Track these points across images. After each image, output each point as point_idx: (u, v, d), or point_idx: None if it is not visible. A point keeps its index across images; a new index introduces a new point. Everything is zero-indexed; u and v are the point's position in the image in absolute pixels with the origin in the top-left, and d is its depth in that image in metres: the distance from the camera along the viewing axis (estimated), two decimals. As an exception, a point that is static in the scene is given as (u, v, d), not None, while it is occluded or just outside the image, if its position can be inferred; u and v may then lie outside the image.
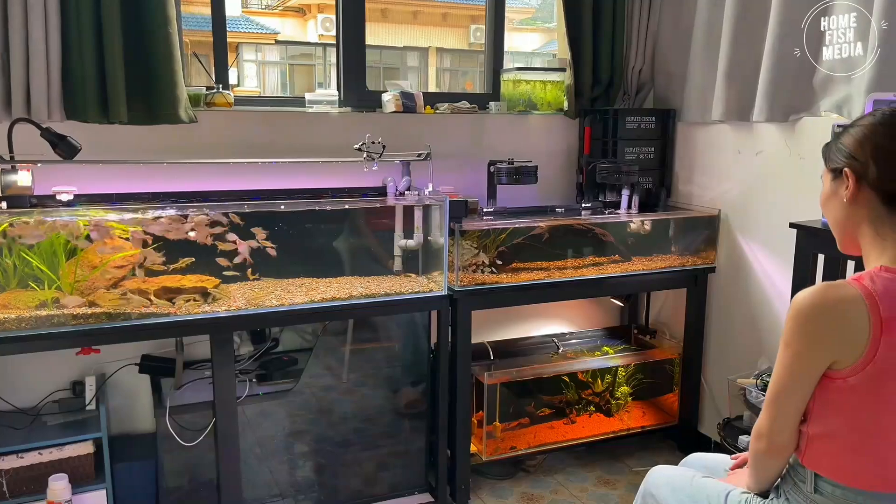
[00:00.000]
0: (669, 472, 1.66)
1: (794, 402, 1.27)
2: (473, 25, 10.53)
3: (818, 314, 1.21)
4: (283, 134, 2.67)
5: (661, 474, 1.67)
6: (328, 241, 2.54)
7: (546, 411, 2.92)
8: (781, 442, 1.31)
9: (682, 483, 1.58)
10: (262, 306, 2.26)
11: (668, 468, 1.70)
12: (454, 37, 11.02)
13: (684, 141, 3.04)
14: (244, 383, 2.45)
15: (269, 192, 2.61)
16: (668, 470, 1.68)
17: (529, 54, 9.66)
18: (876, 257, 1.27)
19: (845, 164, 1.30)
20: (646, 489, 1.68)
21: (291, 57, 10.72)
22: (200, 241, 2.19)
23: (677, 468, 1.70)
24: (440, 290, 2.49)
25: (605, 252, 2.78)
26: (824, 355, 1.22)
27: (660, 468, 1.71)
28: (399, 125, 2.81)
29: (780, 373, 1.27)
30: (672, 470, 1.68)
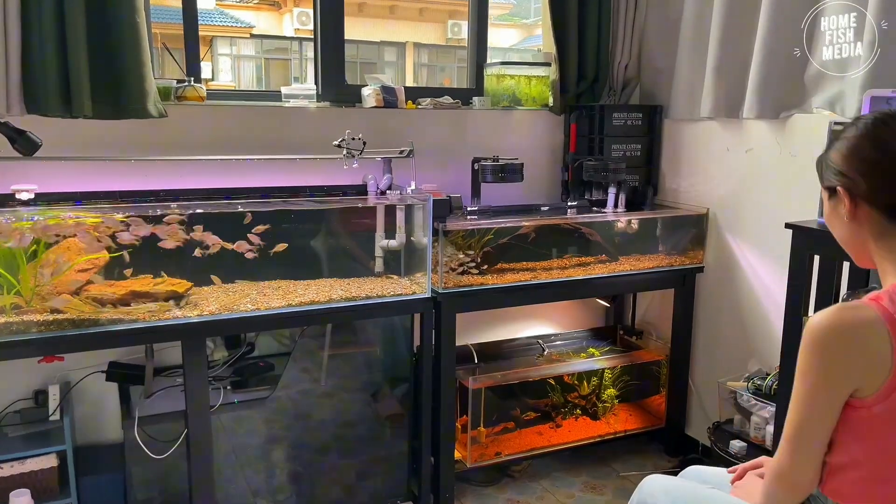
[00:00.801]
0: (667, 482, 1.58)
1: (817, 438, 1.17)
2: (451, 21, 10.43)
3: (835, 340, 1.11)
4: (259, 130, 2.56)
5: (657, 483, 1.59)
6: (306, 241, 2.43)
7: (531, 415, 2.84)
8: (805, 482, 1.20)
9: (681, 494, 1.51)
10: (237, 311, 2.15)
11: (664, 478, 1.62)
12: (432, 32, 10.92)
13: (671, 138, 2.97)
14: (218, 391, 2.33)
15: (243, 191, 2.49)
16: (665, 479, 1.61)
17: (507, 50, 9.58)
18: (893, 273, 1.17)
19: (837, 182, 1.21)
20: (640, 498, 1.60)
21: (267, 51, 10.53)
22: (169, 246, 2.08)
23: (675, 479, 1.63)
24: (423, 293, 2.40)
25: (592, 252, 2.71)
26: (845, 384, 1.12)
27: (655, 477, 1.63)
28: (380, 121, 2.71)
29: (799, 406, 1.16)
30: (669, 480, 1.61)
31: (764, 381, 2.37)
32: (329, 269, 2.44)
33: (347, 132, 2.36)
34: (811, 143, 2.39)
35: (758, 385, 2.38)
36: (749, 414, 2.41)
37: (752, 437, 2.39)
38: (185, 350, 2.11)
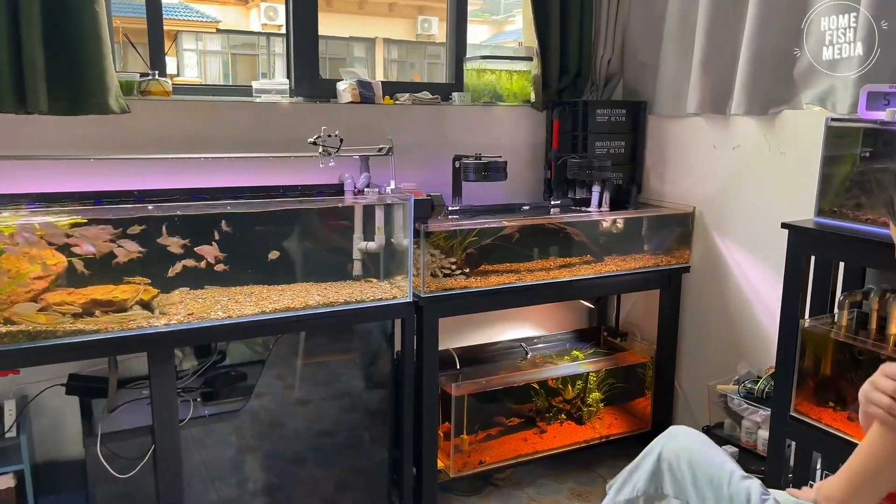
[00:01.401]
0: (694, 444, 1.46)
1: (886, 482, 1.18)
2: (421, 16, 10.30)
3: None
4: (228, 126, 2.42)
5: (683, 442, 1.47)
6: (280, 244, 2.31)
7: (515, 421, 2.75)
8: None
9: (706, 462, 1.41)
10: (207, 319, 2.03)
11: (693, 435, 1.50)
12: (401, 27, 10.78)
13: (656, 135, 2.90)
14: (187, 403, 2.20)
15: (213, 191, 2.36)
16: (693, 440, 1.48)
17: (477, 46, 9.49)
18: None
19: None
20: (663, 453, 1.49)
21: (234, 46, 10.30)
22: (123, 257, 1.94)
23: (703, 439, 1.51)
24: (405, 297, 2.29)
25: (577, 252, 2.62)
26: None
27: (683, 432, 1.51)
28: (356, 117, 2.59)
29: (877, 451, 1.17)
30: (697, 441, 1.48)
31: (756, 385, 2.31)
32: (305, 272, 2.32)
33: (323, 129, 2.24)
34: (800, 140, 2.34)
35: (749, 388, 2.32)
36: (740, 418, 2.35)
37: (744, 442, 2.33)
38: (152, 361, 1.98)
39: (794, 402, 1.95)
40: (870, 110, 1.87)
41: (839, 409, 1.90)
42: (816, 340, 1.93)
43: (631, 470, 1.53)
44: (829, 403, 1.92)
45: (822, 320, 1.94)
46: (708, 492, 1.37)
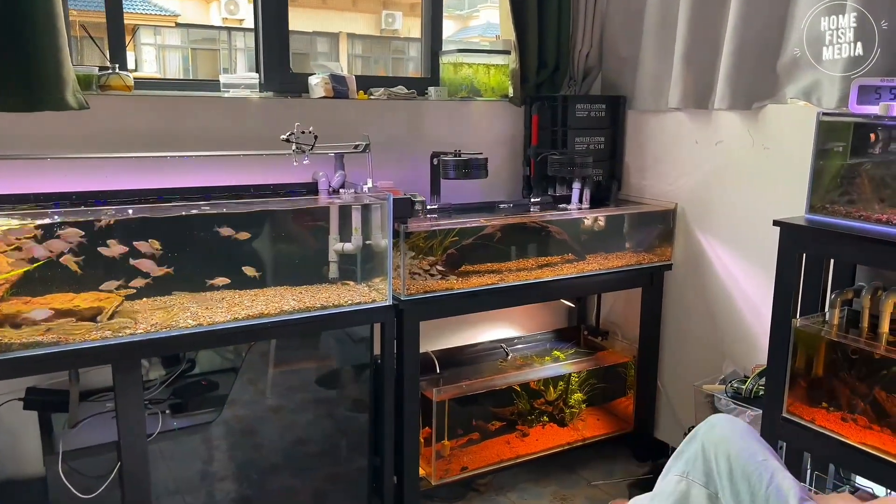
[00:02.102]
0: (734, 436, 1.44)
1: None
2: (385, 11, 10.18)
3: None
4: (195, 122, 2.30)
5: (723, 433, 1.45)
6: (251, 246, 2.20)
7: (496, 424, 2.68)
8: None
9: (747, 456, 1.36)
10: (176, 327, 1.91)
11: (734, 425, 1.47)
12: (365, 22, 10.64)
13: (636, 130, 2.85)
14: (155, 416, 2.08)
15: (180, 191, 2.23)
16: (734, 431, 1.45)
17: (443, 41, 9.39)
18: None
19: None
20: (704, 443, 1.46)
21: (194, 41, 10.06)
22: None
23: (745, 429, 1.47)
24: (384, 300, 2.20)
25: (559, 251, 2.56)
26: None
27: (723, 421, 1.49)
28: (329, 112, 2.49)
29: None
30: (739, 432, 1.45)
31: (744, 385, 2.27)
32: (278, 276, 2.21)
33: (297, 125, 2.14)
34: (785, 135, 2.30)
35: (736, 388, 2.28)
36: (727, 418, 2.31)
37: (731, 443, 2.29)
38: (116, 373, 1.86)
39: (787, 403, 1.90)
40: (861, 104, 1.83)
41: (833, 409, 1.86)
42: (808, 340, 1.89)
43: (676, 455, 1.51)
44: (821, 404, 1.89)
45: (814, 319, 1.90)
46: (743, 487, 1.33)
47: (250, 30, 2.60)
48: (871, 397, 1.81)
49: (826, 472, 2.06)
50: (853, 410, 1.83)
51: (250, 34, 2.69)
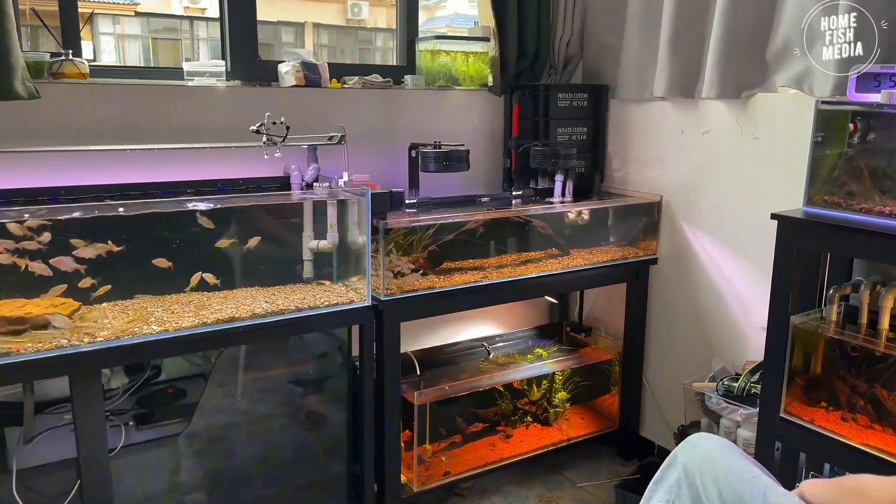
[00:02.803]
0: (717, 456, 1.34)
1: None
2: (351, 0, 9.98)
3: None
4: (157, 113, 2.15)
5: (706, 453, 1.35)
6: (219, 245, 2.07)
7: (479, 426, 2.59)
8: None
9: (734, 476, 1.28)
10: (139, 334, 1.77)
11: (715, 444, 1.39)
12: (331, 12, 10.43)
13: (618, 120, 2.76)
14: (118, 429, 1.95)
15: (140, 187, 2.08)
16: (717, 450, 1.37)
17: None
18: None
19: None
20: (687, 466, 1.36)
21: (154, 31, 9.75)
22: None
23: (727, 447, 1.39)
24: (362, 301, 2.08)
25: (542, 245, 2.47)
26: None
27: (704, 441, 1.40)
28: (301, 102, 2.35)
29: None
30: (721, 451, 1.37)
31: (736, 383, 2.20)
32: (249, 276, 2.08)
33: (267, 115, 2.01)
34: (775, 124, 2.23)
35: (728, 386, 2.22)
36: (718, 417, 2.24)
37: (723, 442, 2.22)
38: (74, 384, 1.72)
39: (784, 403, 1.84)
40: (860, 92, 1.76)
41: (832, 409, 1.80)
42: (806, 337, 1.82)
43: (655, 483, 1.40)
44: (820, 403, 1.82)
45: (812, 316, 1.83)
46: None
47: (213, 19, 2.46)
48: (871, 396, 1.75)
49: (821, 472, 2.00)
50: (853, 410, 1.77)
51: (214, 24, 2.55)
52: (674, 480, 1.40)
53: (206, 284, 1.96)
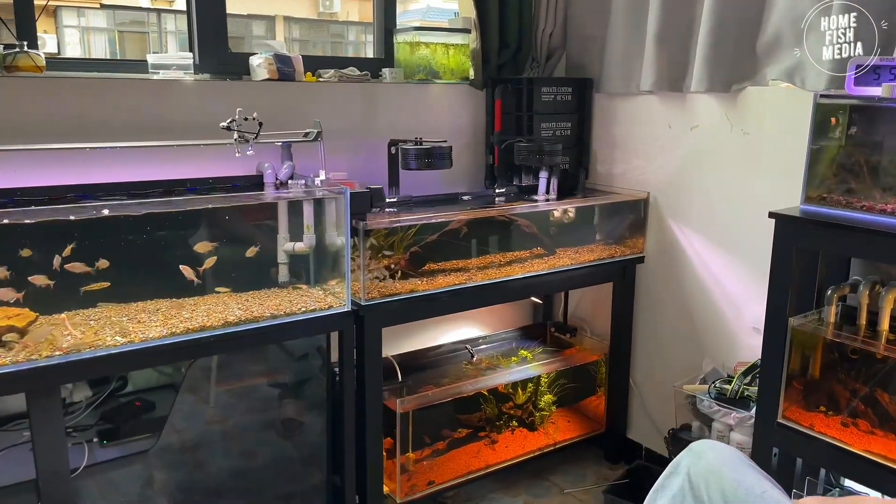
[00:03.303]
0: (725, 467, 1.27)
1: None
2: (322, -7, 9.80)
3: None
4: (120, 109, 2.02)
5: (712, 463, 1.28)
6: (188, 248, 1.95)
7: (463, 432, 2.50)
8: None
9: (742, 489, 1.21)
10: (102, 346, 1.65)
11: (723, 453, 1.31)
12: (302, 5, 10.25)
13: (603, 115, 2.68)
14: (80, 446, 1.82)
15: (103, 187, 1.95)
16: (724, 459, 1.29)
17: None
18: None
19: None
20: (691, 476, 1.28)
21: (120, 24, 9.49)
22: None
23: (735, 456, 1.31)
24: (342, 306, 1.97)
25: (527, 245, 2.38)
26: None
27: (710, 449, 1.33)
28: (274, 96, 2.24)
29: None
30: (729, 461, 1.29)
31: (728, 385, 2.14)
32: (221, 281, 1.97)
33: (238, 111, 1.89)
34: (766, 119, 2.17)
35: (720, 389, 2.15)
36: (710, 420, 2.18)
37: (715, 446, 2.16)
38: (31, 400, 1.59)
39: (782, 408, 1.77)
40: (858, 86, 1.70)
41: (831, 413, 1.74)
42: (804, 340, 1.76)
43: (656, 491, 1.32)
44: (819, 408, 1.76)
45: (810, 317, 1.77)
46: None
47: (181, 11, 2.33)
48: (872, 400, 1.69)
49: (817, 477, 1.95)
50: (854, 414, 1.71)
51: (182, 16, 2.41)
52: (677, 490, 1.32)
53: (173, 291, 1.85)
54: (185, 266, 1.81)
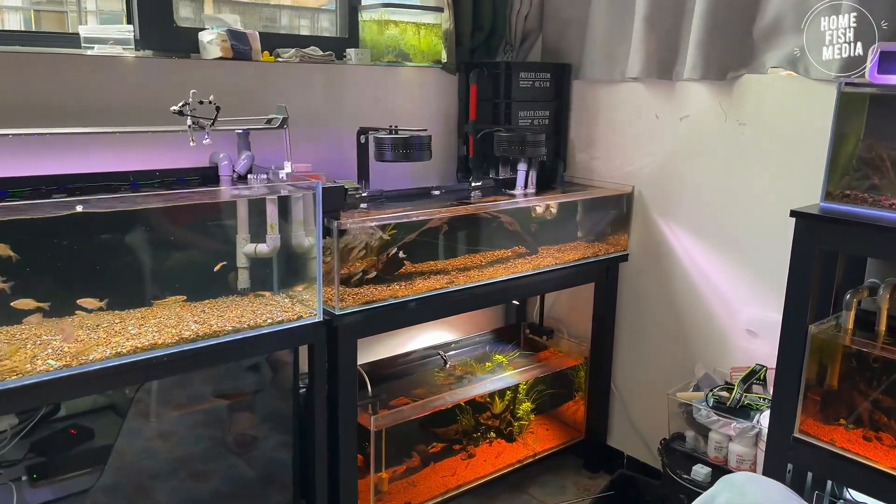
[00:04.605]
0: None
1: None
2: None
3: None
4: (47, 89, 1.73)
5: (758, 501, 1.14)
6: (132, 253, 1.68)
7: (438, 446, 2.31)
8: None
9: None
10: (33, 373, 1.38)
11: (769, 490, 1.19)
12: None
13: (582, 103, 2.52)
14: (6, 486, 1.54)
15: (31, 181, 1.66)
16: (772, 497, 1.16)
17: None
18: None
19: None
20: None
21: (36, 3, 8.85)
22: None
23: (784, 494, 1.18)
24: (312, 316, 1.74)
25: (509, 244, 2.20)
26: None
27: (754, 484, 1.20)
28: (228, 77, 1.98)
29: None
30: (778, 498, 1.16)
31: (726, 393, 2.01)
32: (171, 289, 1.71)
33: (192, 92, 1.62)
34: (764, 109, 2.04)
35: (718, 397, 2.02)
36: (706, 430, 2.05)
37: (712, 458, 2.03)
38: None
39: (799, 421, 1.64)
40: (882, 74, 1.57)
41: (852, 426, 1.62)
42: (823, 348, 1.63)
43: None
44: (839, 420, 1.64)
45: (828, 323, 1.64)
46: None
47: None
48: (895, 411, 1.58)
49: (823, 490, 1.84)
50: (876, 428, 1.59)
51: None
52: None
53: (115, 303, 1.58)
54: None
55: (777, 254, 2.03)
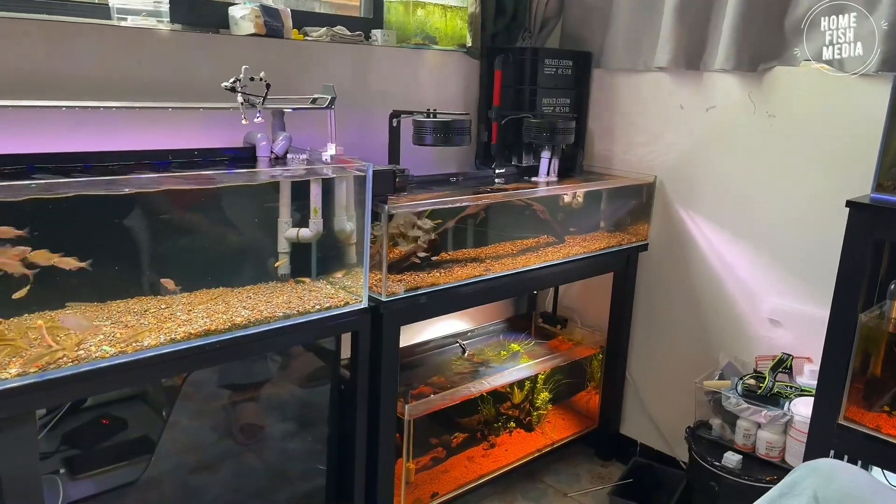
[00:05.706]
0: (863, 492, 1.15)
1: None
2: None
3: None
4: (77, 60, 1.63)
5: (846, 487, 1.16)
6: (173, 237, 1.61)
7: (460, 437, 2.28)
8: None
9: None
10: (88, 359, 1.30)
11: (857, 477, 1.20)
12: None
13: (603, 91, 2.51)
14: (51, 480, 1.46)
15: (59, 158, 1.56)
16: (861, 484, 1.17)
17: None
18: None
19: None
20: (819, 500, 1.14)
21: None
22: None
23: (872, 482, 1.19)
24: (358, 303, 1.69)
25: (538, 232, 2.18)
26: None
27: (841, 471, 1.21)
28: (260, 55, 1.90)
29: None
30: (866, 486, 1.17)
31: (756, 381, 2.04)
32: (211, 274, 1.64)
33: (245, 69, 1.55)
34: (795, 101, 2.07)
35: (747, 385, 2.05)
36: (734, 418, 2.07)
37: (740, 445, 2.06)
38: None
39: (844, 408, 1.67)
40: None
41: (895, 413, 1.66)
42: (870, 336, 1.66)
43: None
44: (883, 408, 1.68)
45: (874, 313, 1.67)
46: None
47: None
48: (938, 398, 1.62)
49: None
50: (920, 414, 1.64)
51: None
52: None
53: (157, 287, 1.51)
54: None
55: (802, 244, 2.08)
